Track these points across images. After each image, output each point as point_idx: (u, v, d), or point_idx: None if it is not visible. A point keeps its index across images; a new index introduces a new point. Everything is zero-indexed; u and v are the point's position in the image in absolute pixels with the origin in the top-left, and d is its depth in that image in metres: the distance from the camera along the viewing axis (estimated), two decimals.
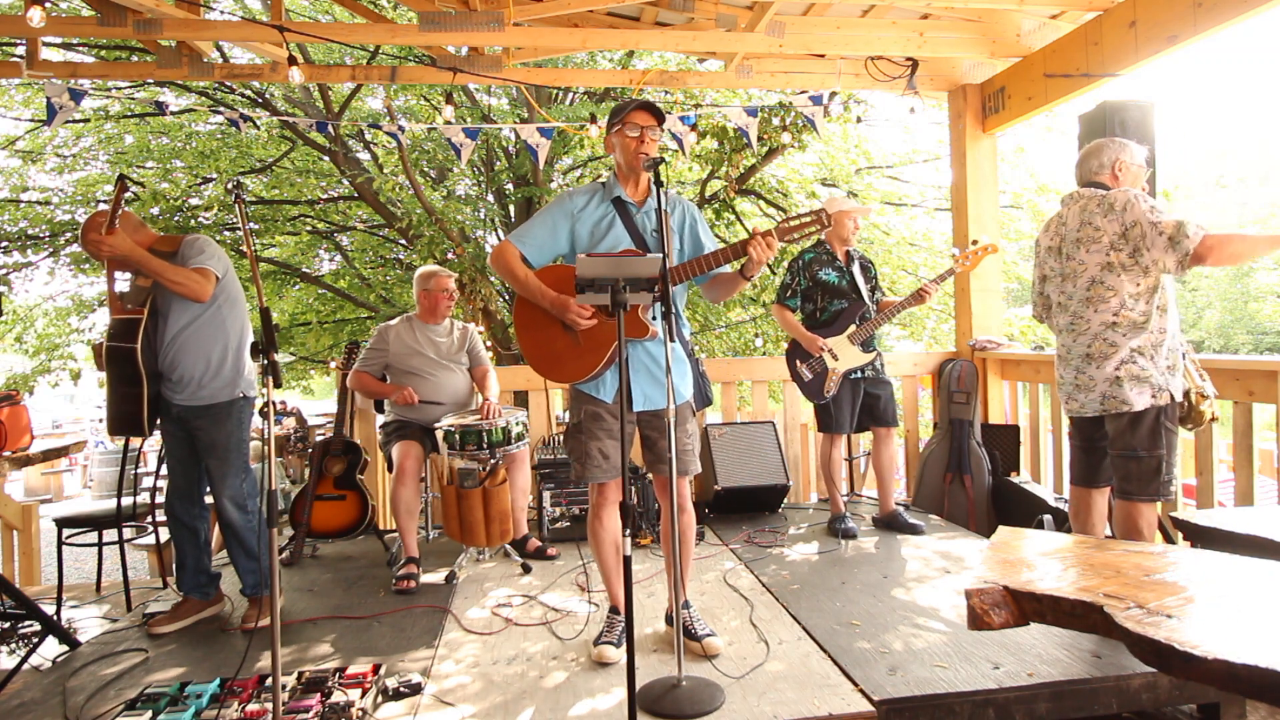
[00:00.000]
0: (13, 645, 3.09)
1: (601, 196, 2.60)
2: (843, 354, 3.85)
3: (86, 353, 9.95)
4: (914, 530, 3.90)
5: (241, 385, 3.00)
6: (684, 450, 2.57)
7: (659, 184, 2.33)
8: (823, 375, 3.87)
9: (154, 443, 3.24)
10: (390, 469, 3.68)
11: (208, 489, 3.06)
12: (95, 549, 3.94)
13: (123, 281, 3.02)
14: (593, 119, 5.38)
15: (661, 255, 2.22)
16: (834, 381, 3.84)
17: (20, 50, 4.88)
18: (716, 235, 9.96)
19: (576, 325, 2.46)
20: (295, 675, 2.44)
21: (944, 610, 2.86)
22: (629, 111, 2.50)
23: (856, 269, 3.96)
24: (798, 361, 3.94)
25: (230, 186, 2.39)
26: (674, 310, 2.58)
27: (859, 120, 7.50)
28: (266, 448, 2.08)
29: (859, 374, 3.90)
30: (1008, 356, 4.77)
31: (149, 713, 2.25)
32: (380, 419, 4.23)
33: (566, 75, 6.98)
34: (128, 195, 2.74)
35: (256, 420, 3.36)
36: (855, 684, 2.31)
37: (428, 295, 3.90)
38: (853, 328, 3.85)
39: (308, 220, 10.90)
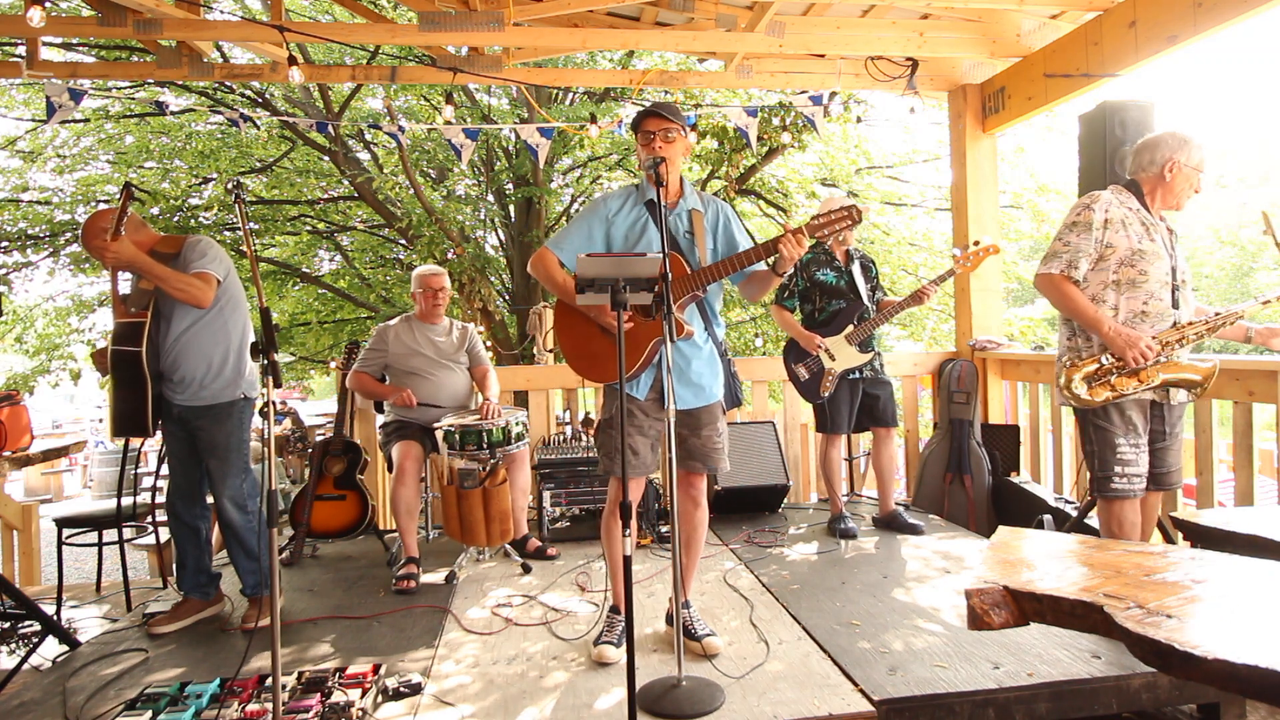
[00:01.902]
0: (13, 645, 3.09)
1: (635, 199, 2.63)
2: (840, 354, 3.85)
3: (86, 353, 9.96)
4: (914, 530, 3.90)
5: (243, 386, 3.01)
6: (714, 448, 2.62)
7: (659, 184, 2.33)
8: (819, 375, 3.87)
9: (154, 443, 3.25)
10: (390, 469, 3.68)
11: (209, 489, 3.07)
12: (95, 549, 3.94)
13: (125, 283, 3.03)
14: (593, 119, 5.37)
15: (662, 255, 2.23)
16: (830, 381, 3.84)
17: (20, 50, 4.88)
18: None
19: (612, 329, 2.48)
20: (295, 675, 2.44)
21: (944, 610, 2.86)
22: (639, 120, 2.56)
23: (856, 269, 3.96)
24: (794, 361, 3.94)
25: (230, 186, 2.39)
26: (709, 310, 2.63)
27: (859, 120, 7.50)
28: (266, 448, 2.08)
29: (858, 374, 3.90)
30: (1008, 356, 4.77)
31: (149, 713, 2.25)
32: (380, 419, 4.24)
33: (566, 75, 6.99)
34: (132, 204, 2.74)
35: (257, 420, 3.36)
36: (855, 684, 2.30)
37: (417, 295, 3.93)
38: (850, 328, 3.85)
39: (308, 220, 10.91)
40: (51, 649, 3.02)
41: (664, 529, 3.93)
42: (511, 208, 10.49)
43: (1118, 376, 2.61)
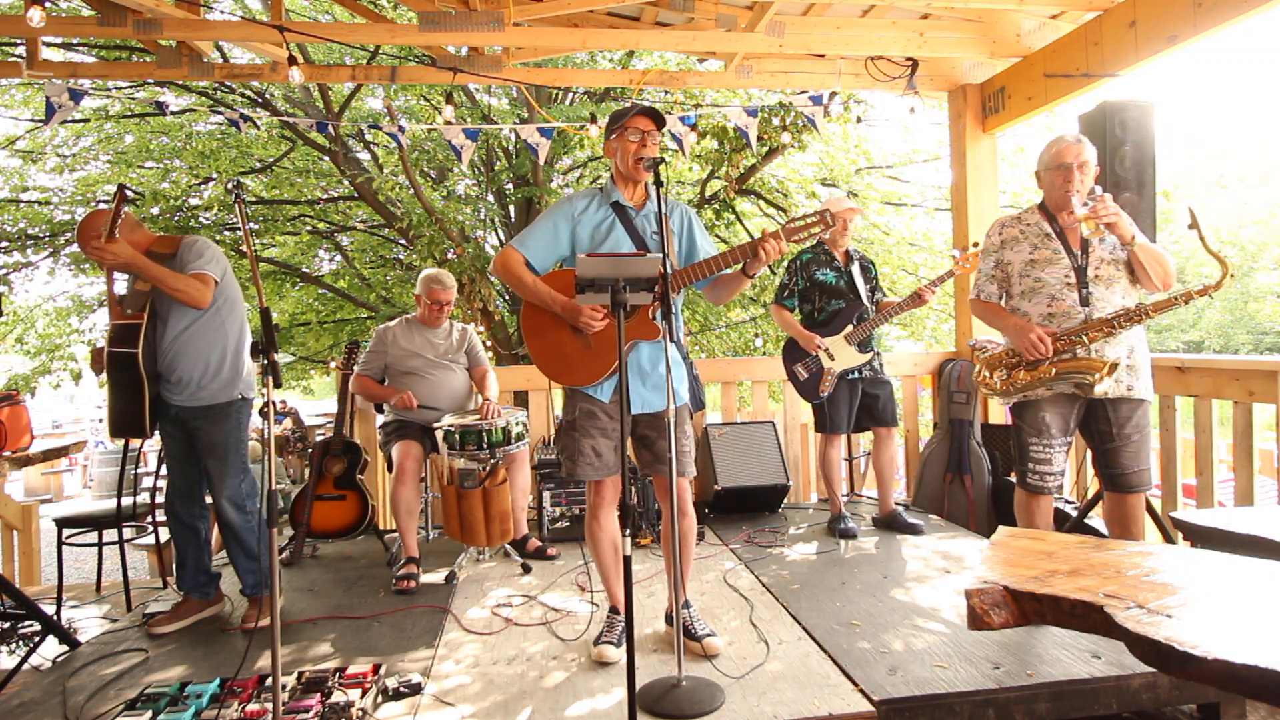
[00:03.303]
0: (13, 645, 3.09)
1: (600, 200, 2.61)
2: (839, 354, 3.85)
3: (86, 353, 9.95)
4: (914, 530, 3.90)
5: (240, 386, 3.00)
6: (681, 452, 2.57)
7: (659, 184, 2.33)
8: (818, 374, 3.87)
9: (154, 443, 3.24)
10: (390, 469, 3.68)
11: (207, 489, 3.07)
12: (95, 549, 3.94)
13: (121, 284, 3.03)
14: (593, 119, 5.37)
15: (662, 255, 2.23)
16: (829, 381, 3.84)
17: (20, 50, 4.88)
18: (716, 236, 10.00)
19: (589, 329, 2.46)
20: (295, 675, 2.44)
21: (944, 610, 2.86)
22: (631, 116, 2.51)
23: (856, 269, 3.96)
24: (793, 361, 3.94)
25: (230, 186, 2.39)
26: (674, 312, 2.59)
27: (859, 120, 7.49)
28: (266, 448, 2.08)
29: (857, 374, 3.90)
30: None
31: (149, 713, 2.25)
32: (380, 419, 4.24)
33: (566, 75, 6.98)
34: (126, 209, 2.74)
35: (256, 420, 3.35)
36: (855, 684, 2.31)
37: (421, 299, 3.92)
38: (850, 328, 3.85)
39: (308, 220, 10.90)
40: (51, 649, 3.02)
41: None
42: (511, 208, 10.49)
43: (1016, 369, 2.83)
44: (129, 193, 2.74)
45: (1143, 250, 2.66)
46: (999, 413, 4.85)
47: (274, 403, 2.19)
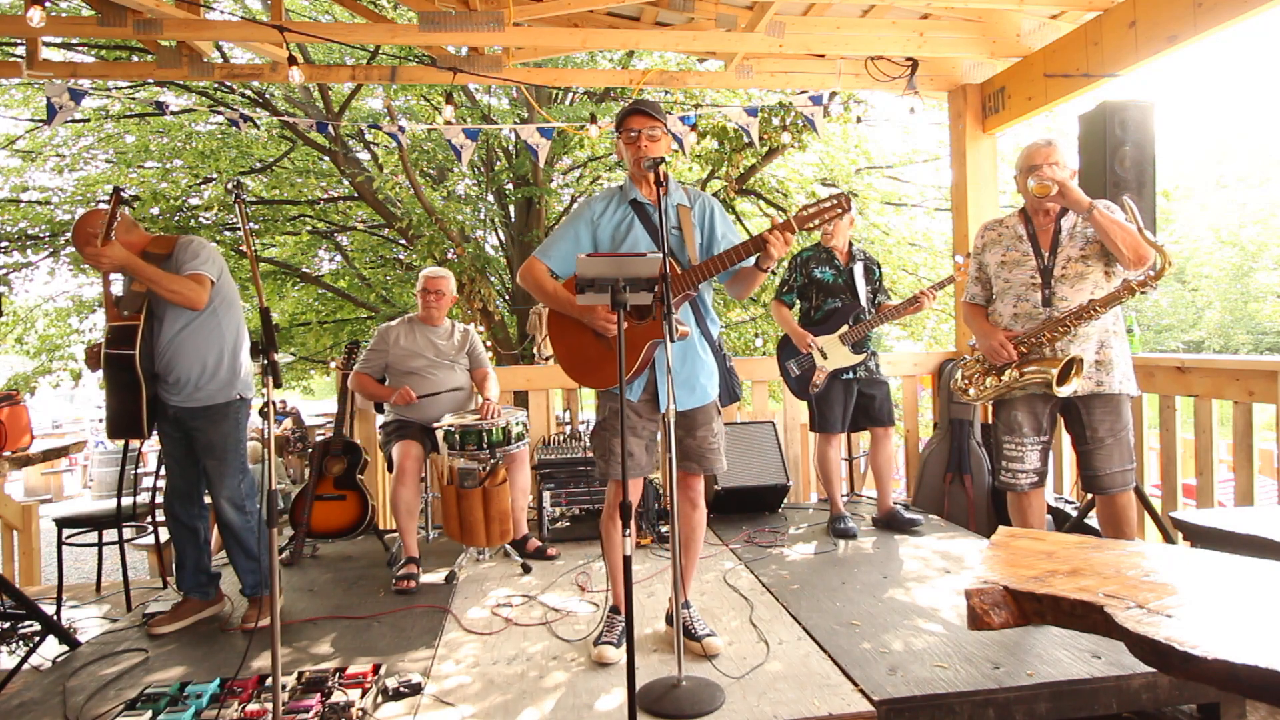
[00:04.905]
0: (13, 645, 3.09)
1: (619, 200, 2.63)
2: (832, 353, 3.85)
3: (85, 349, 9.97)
4: (913, 530, 3.90)
5: (238, 386, 3.00)
6: (710, 449, 2.61)
7: (660, 184, 2.33)
8: (810, 372, 3.87)
9: (154, 443, 3.25)
10: (390, 469, 3.68)
11: (206, 489, 3.06)
12: (95, 549, 3.94)
13: (118, 285, 3.02)
14: (593, 119, 5.37)
15: (662, 255, 2.22)
16: (820, 379, 3.84)
17: (20, 50, 4.88)
18: None
19: (606, 333, 2.47)
20: (295, 675, 2.44)
21: (944, 610, 2.86)
22: (623, 117, 2.55)
23: (859, 269, 3.96)
24: (787, 358, 3.95)
25: (230, 186, 2.39)
26: (702, 307, 2.61)
27: (859, 120, 7.49)
28: (266, 448, 2.08)
29: (852, 374, 3.90)
30: None
31: (149, 713, 2.25)
32: (380, 419, 4.24)
33: (566, 75, 6.99)
34: (123, 210, 2.73)
35: (256, 420, 3.35)
36: (855, 684, 2.31)
37: (419, 295, 3.93)
38: (845, 328, 3.85)
39: (308, 220, 10.91)
40: (51, 649, 3.02)
41: (664, 529, 3.93)
42: (511, 208, 10.49)
43: (986, 375, 2.91)
44: (124, 195, 2.74)
45: (1103, 218, 2.62)
46: None
47: (274, 403, 2.19)
